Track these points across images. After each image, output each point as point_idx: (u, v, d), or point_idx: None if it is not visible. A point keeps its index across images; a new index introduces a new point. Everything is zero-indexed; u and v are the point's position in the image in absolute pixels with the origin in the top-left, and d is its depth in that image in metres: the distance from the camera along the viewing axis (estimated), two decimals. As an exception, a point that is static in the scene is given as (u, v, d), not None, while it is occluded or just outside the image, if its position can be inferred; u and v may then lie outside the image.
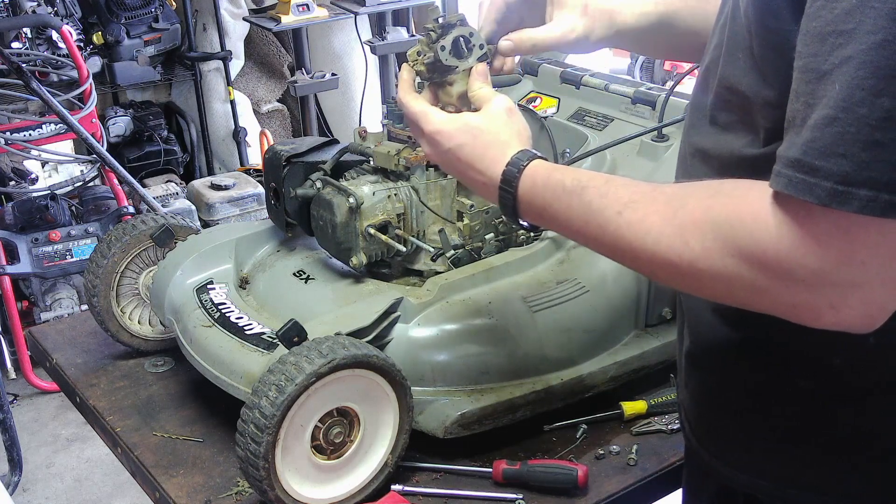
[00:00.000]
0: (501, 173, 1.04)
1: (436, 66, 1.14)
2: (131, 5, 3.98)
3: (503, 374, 1.36)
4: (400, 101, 1.16)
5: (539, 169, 1.02)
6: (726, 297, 0.87)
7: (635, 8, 1.20)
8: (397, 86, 1.21)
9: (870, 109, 0.72)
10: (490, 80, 1.15)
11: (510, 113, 1.10)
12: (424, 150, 1.15)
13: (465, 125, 1.09)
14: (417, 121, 1.12)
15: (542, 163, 1.03)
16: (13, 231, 3.38)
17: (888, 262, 0.76)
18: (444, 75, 1.15)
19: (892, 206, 0.72)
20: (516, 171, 1.02)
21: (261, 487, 1.18)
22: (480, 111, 1.11)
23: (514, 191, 1.02)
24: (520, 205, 1.03)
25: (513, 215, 1.05)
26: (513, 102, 1.12)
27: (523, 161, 1.03)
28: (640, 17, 1.20)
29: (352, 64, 4.60)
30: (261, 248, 1.57)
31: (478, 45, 1.15)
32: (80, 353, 1.66)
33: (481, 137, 1.07)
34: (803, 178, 0.75)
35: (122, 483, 3.10)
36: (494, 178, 1.05)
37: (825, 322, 0.80)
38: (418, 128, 1.13)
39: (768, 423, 1.01)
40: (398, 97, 1.16)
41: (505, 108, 1.10)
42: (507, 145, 1.06)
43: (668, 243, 0.86)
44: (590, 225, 0.94)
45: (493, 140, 1.07)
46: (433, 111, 1.12)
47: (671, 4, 1.21)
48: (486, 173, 1.06)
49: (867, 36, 0.72)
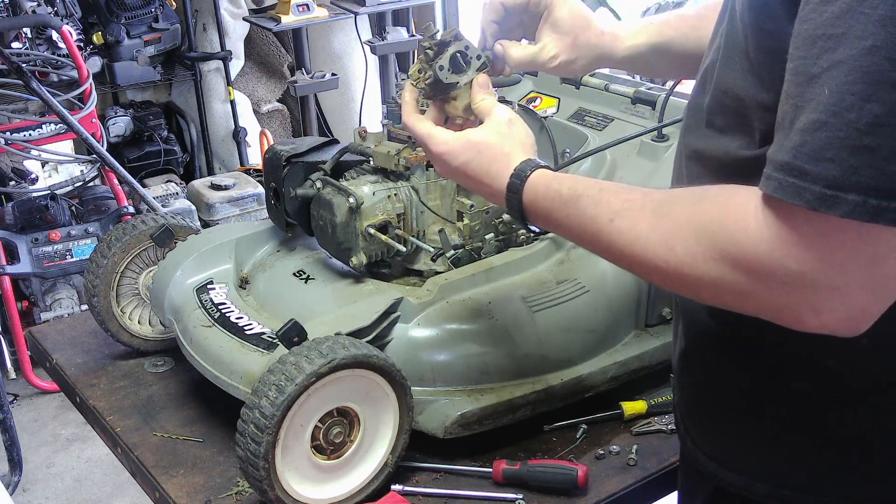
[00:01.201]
0: (506, 185, 1.07)
1: (437, 86, 1.16)
2: (131, 5, 3.98)
3: (503, 374, 1.36)
4: (405, 124, 1.19)
5: (540, 179, 1.05)
6: (714, 301, 0.88)
7: (626, 41, 1.23)
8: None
9: (858, 114, 0.72)
10: (492, 88, 1.17)
11: (511, 124, 1.12)
12: (436, 169, 1.18)
13: (469, 142, 1.11)
14: (424, 143, 1.16)
15: (543, 172, 1.05)
16: (13, 231, 3.38)
17: (869, 266, 0.76)
18: (447, 92, 1.17)
19: (879, 211, 0.72)
20: (519, 182, 1.06)
21: (261, 487, 1.18)
22: (482, 125, 1.13)
23: (520, 200, 1.06)
24: (527, 213, 1.06)
25: (523, 223, 1.08)
26: (514, 112, 1.14)
27: (526, 171, 1.06)
28: (630, 49, 1.24)
29: (352, 64, 4.60)
30: (261, 248, 1.58)
31: (475, 56, 1.17)
32: (80, 353, 1.66)
33: (485, 152, 1.10)
34: (793, 182, 0.75)
35: (122, 483, 3.10)
36: (501, 189, 1.08)
37: (808, 325, 0.81)
38: (426, 149, 1.16)
39: (762, 424, 1.01)
40: (403, 121, 1.19)
41: (506, 119, 1.12)
42: (509, 157, 1.08)
43: (654, 249, 0.88)
44: (586, 233, 0.98)
45: (497, 153, 1.10)
46: (437, 132, 1.15)
47: (663, 35, 1.23)
48: (493, 185, 1.09)
49: (857, 41, 0.72)
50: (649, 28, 1.24)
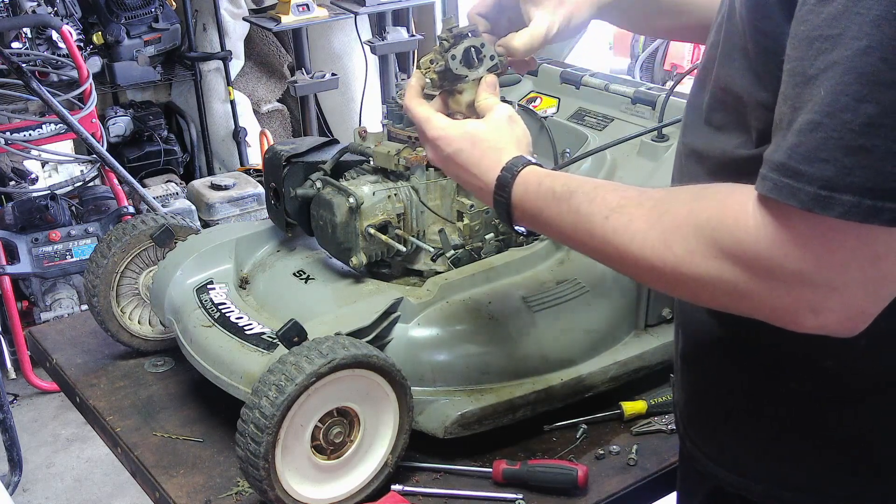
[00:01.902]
0: (496, 179, 1.05)
1: (446, 75, 1.16)
2: (131, 5, 3.98)
3: (503, 374, 1.36)
4: (406, 105, 1.18)
5: (532, 175, 1.03)
6: (711, 301, 0.88)
7: None
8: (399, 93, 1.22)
9: (853, 115, 0.72)
10: (498, 90, 1.17)
11: (511, 121, 1.12)
12: (427, 154, 1.17)
13: (465, 132, 1.11)
14: (421, 125, 1.15)
15: (534, 169, 1.04)
16: (13, 231, 3.38)
17: (867, 266, 0.76)
18: (454, 83, 1.17)
19: (874, 212, 0.72)
20: (510, 176, 1.04)
21: (261, 487, 1.18)
22: (482, 119, 1.13)
23: (508, 196, 1.04)
24: (514, 210, 1.04)
25: (508, 221, 1.06)
26: (515, 112, 1.14)
27: (517, 167, 1.04)
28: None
29: (352, 64, 4.60)
30: (261, 248, 1.58)
31: (488, 56, 1.17)
32: (80, 353, 1.66)
33: (479, 144, 1.09)
34: (788, 183, 0.75)
35: (122, 483, 3.10)
36: (490, 183, 1.06)
37: (806, 325, 0.80)
38: (422, 132, 1.15)
39: (761, 424, 1.01)
40: (404, 102, 1.18)
41: (506, 116, 1.12)
42: (503, 152, 1.07)
43: (652, 247, 0.87)
44: (578, 231, 0.95)
45: (491, 146, 1.08)
46: (436, 117, 1.14)
47: None
48: (482, 178, 1.08)
49: (852, 42, 0.72)
50: None
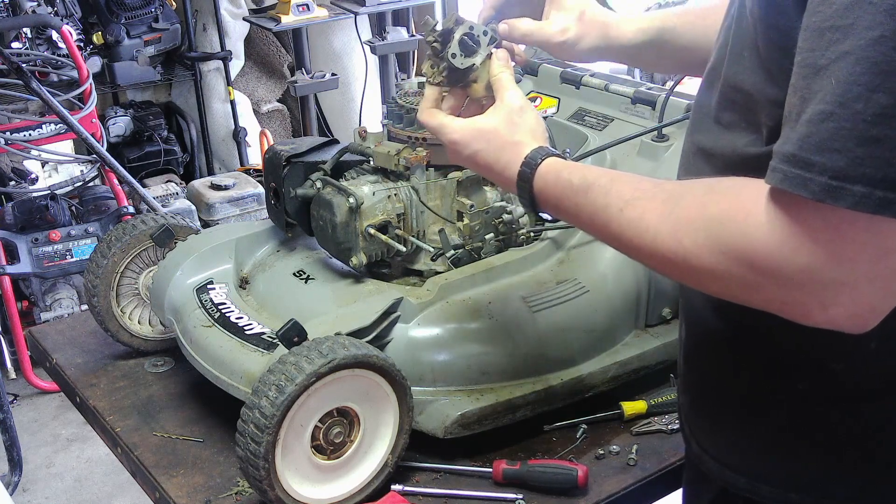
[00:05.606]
0: (517, 174, 1.07)
1: (455, 74, 1.16)
2: (131, 5, 3.98)
3: (503, 374, 1.36)
4: (420, 122, 1.20)
5: (551, 167, 1.05)
6: (722, 293, 0.88)
7: (632, 24, 1.24)
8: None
9: (865, 105, 0.71)
10: (511, 62, 1.17)
11: (521, 111, 1.12)
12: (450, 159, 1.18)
13: (477, 130, 1.12)
14: (437, 135, 1.17)
15: (553, 161, 1.06)
16: (13, 231, 3.38)
17: (877, 260, 0.75)
18: (466, 77, 1.17)
19: (886, 203, 0.72)
20: (529, 171, 1.06)
21: (261, 487, 1.18)
22: (492, 110, 1.13)
23: (531, 189, 1.06)
24: (537, 201, 1.07)
25: (534, 210, 1.09)
26: (525, 99, 1.14)
27: (536, 160, 1.06)
28: (636, 34, 1.24)
29: (352, 64, 4.60)
30: (261, 248, 1.58)
31: (481, 33, 1.17)
32: (80, 353, 1.66)
33: (494, 141, 1.11)
34: (798, 174, 0.75)
35: (122, 483, 3.10)
36: (512, 178, 1.08)
37: (815, 320, 0.80)
38: (441, 140, 1.17)
39: (767, 425, 1.01)
40: (418, 118, 1.20)
41: (517, 106, 1.12)
42: (519, 145, 1.09)
43: (664, 240, 0.88)
44: (595, 222, 0.97)
45: (506, 141, 1.10)
46: (448, 121, 1.15)
47: (668, 21, 1.24)
48: (504, 174, 1.10)
49: (865, 31, 0.71)
50: (654, 15, 1.25)
